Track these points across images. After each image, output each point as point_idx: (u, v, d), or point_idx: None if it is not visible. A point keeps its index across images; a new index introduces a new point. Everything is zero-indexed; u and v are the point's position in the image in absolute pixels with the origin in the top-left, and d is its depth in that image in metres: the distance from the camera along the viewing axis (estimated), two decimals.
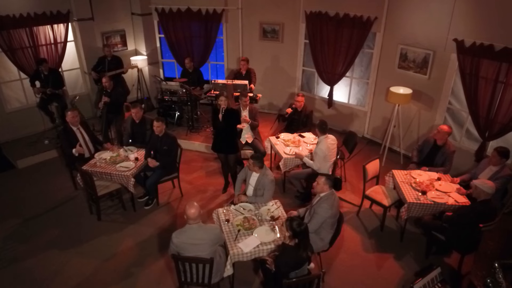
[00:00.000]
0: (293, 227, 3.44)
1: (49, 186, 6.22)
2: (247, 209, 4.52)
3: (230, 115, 5.50)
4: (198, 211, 3.56)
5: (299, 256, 3.46)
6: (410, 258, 4.84)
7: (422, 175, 5.26)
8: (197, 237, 3.54)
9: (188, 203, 3.61)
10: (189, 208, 3.54)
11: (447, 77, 6.21)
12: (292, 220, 3.50)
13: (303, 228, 3.44)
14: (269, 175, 4.60)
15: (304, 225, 3.47)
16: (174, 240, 3.58)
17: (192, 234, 3.55)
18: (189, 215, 3.53)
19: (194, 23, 8.45)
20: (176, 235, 3.59)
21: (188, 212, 3.54)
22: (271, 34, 8.26)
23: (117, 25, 8.43)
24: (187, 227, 3.59)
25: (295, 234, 3.44)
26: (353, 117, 7.95)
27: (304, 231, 3.45)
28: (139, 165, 5.52)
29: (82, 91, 8.43)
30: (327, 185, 4.14)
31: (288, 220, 3.53)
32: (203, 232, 3.58)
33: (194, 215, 3.53)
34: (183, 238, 3.55)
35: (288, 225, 3.48)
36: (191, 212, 3.52)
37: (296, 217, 4.37)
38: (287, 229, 3.49)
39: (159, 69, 9.32)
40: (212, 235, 3.61)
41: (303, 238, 3.46)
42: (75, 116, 5.64)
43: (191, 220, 3.55)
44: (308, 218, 4.25)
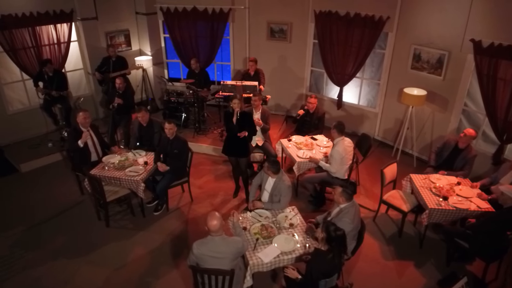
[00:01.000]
0: (329, 231, 3.30)
1: (54, 191, 6.03)
2: (263, 216, 4.36)
3: (244, 118, 5.33)
4: (220, 222, 3.37)
5: (332, 262, 3.31)
6: (431, 266, 4.70)
7: (441, 179, 5.11)
8: (219, 250, 3.37)
9: (209, 214, 3.43)
10: (211, 220, 3.36)
11: (463, 78, 6.07)
12: (329, 224, 3.35)
13: (340, 234, 3.29)
14: (286, 180, 4.44)
15: (342, 231, 3.32)
16: (194, 250, 3.40)
17: (213, 247, 3.37)
18: (210, 227, 3.35)
19: (200, 22, 8.27)
20: (197, 245, 3.42)
21: (209, 224, 3.36)
22: (279, 34, 8.09)
23: (121, 24, 8.24)
24: (208, 239, 3.42)
25: (330, 239, 3.29)
26: (363, 119, 7.80)
27: (340, 237, 3.30)
28: (148, 169, 5.34)
29: (86, 92, 8.23)
30: (343, 197, 3.97)
31: (325, 223, 3.39)
32: (226, 245, 3.40)
33: (215, 227, 3.35)
34: (204, 249, 3.38)
35: (324, 228, 3.34)
36: (213, 224, 3.34)
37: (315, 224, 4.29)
38: (322, 231, 3.35)
39: (164, 70, 9.13)
40: (234, 249, 3.43)
41: (338, 244, 3.31)
42: (87, 117, 5.46)
43: (213, 232, 3.37)
44: None
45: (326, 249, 3.36)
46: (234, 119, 5.37)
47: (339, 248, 3.33)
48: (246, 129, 5.39)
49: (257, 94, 6.22)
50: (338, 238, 3.29)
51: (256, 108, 6.25)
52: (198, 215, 5.54)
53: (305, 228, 4.15)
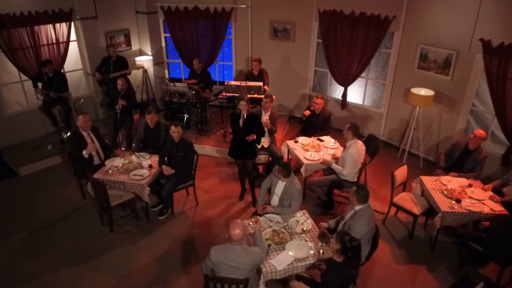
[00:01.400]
0: (344, 241, 3.18)
1: (55, 195, 5.88)
2: (274, 221, 4.24)
3: (251, 121, 5.21)
4: (243, 232, 3.25)
5: (347, 273, 3.20)
6: (444, 269, 4.61)
7: (452, 181, 5.03)
8: (237, 259, 3.24)
9: (232, 222, 3.30)
10: (233, 228, 3.23)
11: (471, 78, 5.99)
12: (344, 234, 3.24)
13: (355, 245, 3.18)
14: (297, 184, 4.33)
15: (357, 242, 3.21)
16: (211, 256, 3.28)
17: (232, 256, 3.25)
18: (232, 236, 3.23)
19: (201, 21, 8.14)
20: (215, 251, 3.29)
21: (231, 232, 3.23)
22: (282, 33, 7.97)
23: (121, 24, 8.07)
24: (228, 247, 3.29)
25: (345, 250, 3.18)
26: (368, 119, 7.71)
27: (355, 248, 3.18)
28: (153, 173, 5.21)
29: (85, 93, 8.06)
30: (355, 197, 3.86)
31: (339, 233, 3.27)
32: (245, 256, 3.27)
33: (237, 236, 3.22)
34: (222, 257, 3.25)
35: (339, 238, 3.22)
36: (235, 233, 3.22)
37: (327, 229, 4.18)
38: (336, 242, 3.23)
39: (164, 70, 8.99)
40: (253, 261, 3.31)
41: (353, 255, 3.20)
42: (87, 120, 5.31)
43: (234, 241, 3.25)
44: None
45: (342, 260, 3.25)
46: (241, 122, 5.25)
47: (354, 259, 3.22)
48: (254, 132, 5.27)
49: (268, 96, 6.10)
50: (354, 249, 3.18)
51: (266, 110, 6.14)
52: (204, 219, 5.42)
53: (317, 233, 4.04)
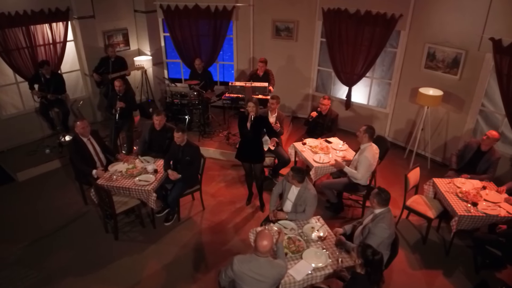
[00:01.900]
0: (366, 254, 3.03)
1: (56, 201, 5.66)
2: (288, 228, 4.10)
3: (259, 123, 5.05)
4: (271, 244, 3.10)
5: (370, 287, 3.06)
6: (460, 274, 4.52)
7: (465, 183, 4.93)
8: (261, 272, 3.08)
9: (260, 232, 3.15)
10: (261, 239, 3.07)
11: (480, 78, 5.90)
12: (366, 247, 3.09)
13: (378, 258, 3.04)
14: (312, 189, 4.19)
15: (380, 255, 3.06)
16: (234, 266, 3.11)
17: (256, 268, 3.09)
18: (259, 247, 3.07)
19: (202, 20, 7.95)
20: (239, 262, 3.12)
21: (258, 243, 3.07)
22: (284, 32, 7.82)
23: (119, 23, 7.85)
24: (252, 257, 3.13)
25: (368, 264, 3.04)
26: (373, 119, 7.60)
27: (378, 261, 3.04)
28: (159, 178, 5.02)
29: (83, 94, 7.83)
30: (376, 199, 3.73)
31: (361, 246, 3.13)
32: (270, 268, 3.11)
33: (265, 248, 3.06)
34: (245, 268, 3.09)
35: (360, 252, 3.08)
36: (263, 245, 3.06)
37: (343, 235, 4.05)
38: (358, 256, 3.10)
39: (164, 70, 8.78)
40: (277, 274, 3.15)
41: (376, 268, 3.06)
42: (86, 126, 5.11)
43: (260, 252, 3.09)
44: (360, 238, 3.85)
45: (364, 272, 3.11)
46: (249, 124, 5.10)
47: (376, 273, 3.09)
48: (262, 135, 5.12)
49: (275, 97, 5.95)
50: (376, 262, 3.04)
51: (272, 111, 6.00)
52: (212, 225, 5.26)
53: (334, 241, 3.91)
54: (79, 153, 5.07)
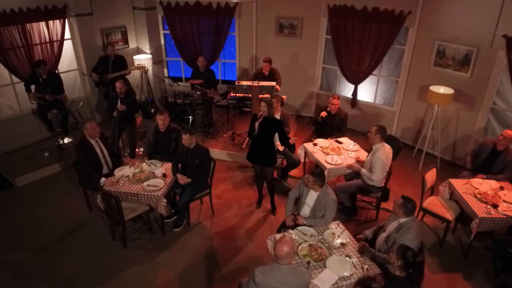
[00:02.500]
0: (407, 257, 2.92)
1: (58, 208, 5.43)
2: (308, 234, 3.95)
3: (269, 125, 4.86)
4: (292, 250, 2.95)
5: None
6: (481, 277, 4.43)
7: (482, 184, 4.84)
8: (285, 281, 2.93)
9: (280, 239, 3.00)
10: (281, 245, 2.92)
11: (492, 75, 5.81)
12: (406, 249, 2.97)
13: (419, 261, 2.92)
14: (332, 194, 4.04)
15: (421, 257, 2.95)
16: (256, 279, 2.95)
17: (279, 277, 2.93)
18: (278, 253, 2.92)
19: (203, 18, 7.73)
20: (260, 273, 2.96)
21: (278, 249, 2.92)
22: (288, 29, 7.65)
23: (117, 20, 7.58)
24: (274, 267, 2.97)
25: (408, 266, 2.92)
26: (379, 118, 7.48)
27: (419, 263, 2.93)
28: (168, 182, 4.83)
29: (81, 94, 7.56)
30: (402, 210, 3.59)
31: (401, 248, 3.00)
32: (293, 276, 2.97)
33: (286, 254, 2.92)
34: (268, 279, 2.93)
35: (400, 254, 2.95)
36: (282, 250, 2.91)
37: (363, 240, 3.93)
38: (397, 258, 2.97)
39: (163, 69, 8.54)
40: (302, 282, 3.01)
41: (416, 271, 2.94)
42: (96, 127, 4.89)
43: (280, 259, 2.94)
44: (384, 247, 3.71)
45: (404, 275, 2.99)
46: (257, 124, 4.93)
47: (418, 275, 2.96)
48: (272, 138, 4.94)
49: (274, 96, 5.78)
50: (418, 264, 2.92)
51: (275, 111, 5.82)
52: (223, 230, 5.09)
53: (357, 247, 3.78)
54: (87, 156, 4.84)
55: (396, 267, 3.00)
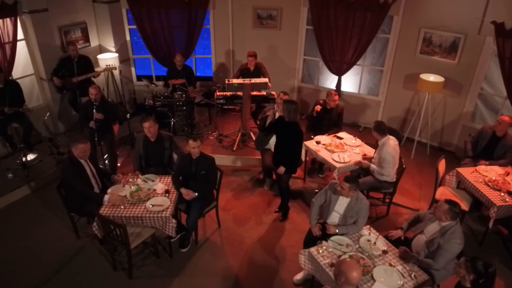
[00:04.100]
0: (478, 269, 2.75)
1: (37, 238, 4.66)
2: (344, 244, 3.70)
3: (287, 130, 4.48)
4: (361, 274, 2.69)
5: None
6: (500, 264, 4.48)
7: (489, 171, 4.89)
8: None
9: (347, 263, 2.73)
10: (350, 270, 2.65)
11: (480, 61, 5.90)
12: (474, 260, 2.81)
13: (492, 271, 2.77)
14: (364, 199, 3.81)
15: (493, 268, 2.80)
16: None
17: None
18: (350, 279, 2.64)
19: (174, 10, 7.10)
20: None
21: (349, 276, 2.64)
22: (267, 20, 7.26)
23: (76, 16, 6.69)
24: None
25: (480, 277, 2.76)
26: (364, 108, 7.41)
27: (492, 273, 2.78)
28: (173, 199, 4.31)
29: (40, 102, 6.61)
30: (449, 215, 3.45)
31: (469, 261, 2.83)
32: None
33: (357, 280, 2.67)
34: None
35: (470, 267, 2.78)
36: (353, 277, 2.63)
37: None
38: (467, 272, 2.80)
39: (131, 68, 7.77)
40: None
41: (490, 281, 2.79)
42: (88, 149, 4.22)
43: (350, 286, 2.65)
44: (425, 251, 3.55)
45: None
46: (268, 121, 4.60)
47: (491, 285, 2.83)
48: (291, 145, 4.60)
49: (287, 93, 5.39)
50: (490, 275, 2.78)
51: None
52: (234, 244, 4.68)
53: (398, 253, 3.59)
54: (77, 176, 4.17)
55: (468, 281, 2.84)
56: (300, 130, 4.56)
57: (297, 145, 4.64)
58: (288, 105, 4.44)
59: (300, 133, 4.56)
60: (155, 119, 4.78)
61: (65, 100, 6.60)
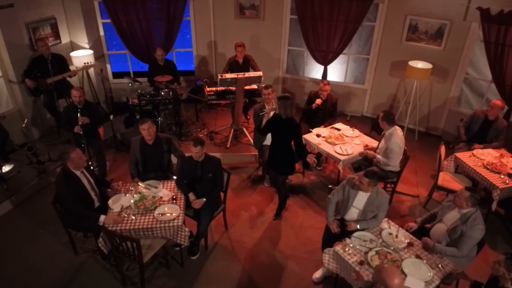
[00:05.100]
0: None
1: (31, 258, 4.26)
2: (367, 240, 3.66)
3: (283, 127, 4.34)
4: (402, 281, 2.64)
5: None
6: (503, 244, 4.66)
7: (484, 154, 5.05)
8: None
9: (386, 270, 2.63)
10: (391, 277, 2.56)
11: (465, 47, 6.04)
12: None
13: None
14: (384, 192, 3.78)
15: None
16: None
17: None
18: (393, 286, 2.55)
19: (151, 1, 6.68)
20: None
21: (390, 283, 2.55)
22: (249, 10, 7.04)
23: (45, 11, 6.12)
24: None
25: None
26: (350, 97, 7.42)
27: None
28: (181, 205, 4.07)
29: (10, 107, 6.01)
30: (470, 202, 3.48)
31: (510, 259, 2.84)
32: None
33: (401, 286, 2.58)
34: None
35: (511, 265, 2.79)
36: (395, 284, 2.56)
37: None
38: (508, 270, 2.81)
39: (106, 65, 7.28)
40: None
41: None
42: (81, 155, 3.85)
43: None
44: (446, 240, 3.59)
45: None
46: (264, 120, 4.43)
47: None
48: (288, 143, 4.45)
49: (268, 86, 5.28)
50: None
51: (270, 103, 5.32)
52: (245, 246, 4.53)
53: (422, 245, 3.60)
54: (76, 192, 3.80)
55: (509, 280, 2.86)
56: (298, 124, 4.42)
57: (298, 140, 4.49)
58: (284, 101, 4.26)
59: (299, 127, 4.42)
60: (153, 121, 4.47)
61: (38, 103, 6.07)
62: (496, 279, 3.01)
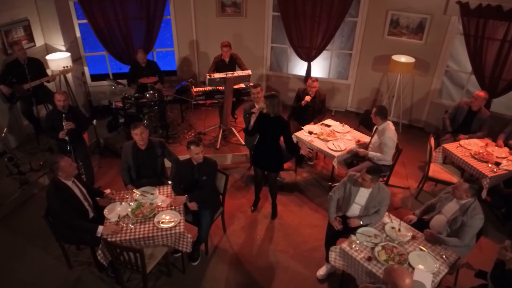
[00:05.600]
0: None
1: (22, 275, 4.03)
2: (372, 235, 3.69)
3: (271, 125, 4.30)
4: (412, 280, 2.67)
5: None
6: (494, 230, 4.82)
7: (470, 144, 5.21)
8: None
9: (396, 271, 2.63)
10: (401, 278, 2.57)
11: (446, 40, 6.20)
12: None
13: None
14: (385, 187, 3.82)
15: None
16: None
17: None
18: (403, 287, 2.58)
19: (130, 0, 6.45)
20: None
21: (400, 283, 2.57)
22: (231, 8, 6.94)
23: (17, 12, 5.78)
24: None
25: None
26: (334, 92, 7.47)
27: None
28: (181, 211, 3.95)
29: None
30: (469, 193, 3.58)
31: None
32: None
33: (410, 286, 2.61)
34: None
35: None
36: (406, 284, 2.57)
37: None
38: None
39: (83, 67, 6.98)
40: None
41: None
42: (71, 163, 3.65)
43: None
44: (447, 230, 3.67)
45: None
46: (252, 120, 4.36)
47: None
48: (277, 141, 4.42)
49: (257, 85, 5.23)
50: None
51: (259, 102, 5.27)
52: (246, 248, 4.47)
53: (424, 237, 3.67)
54: (70, 204, 3.61)
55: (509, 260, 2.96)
56: (286, 121, 4.43)
57: (288, 137, 4.45)
58: (271, 100, 4.24)
59: (288, 124, 4.42)
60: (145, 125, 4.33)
61: (14, 110, 5.75)
62: (502, 263, 3.11)
